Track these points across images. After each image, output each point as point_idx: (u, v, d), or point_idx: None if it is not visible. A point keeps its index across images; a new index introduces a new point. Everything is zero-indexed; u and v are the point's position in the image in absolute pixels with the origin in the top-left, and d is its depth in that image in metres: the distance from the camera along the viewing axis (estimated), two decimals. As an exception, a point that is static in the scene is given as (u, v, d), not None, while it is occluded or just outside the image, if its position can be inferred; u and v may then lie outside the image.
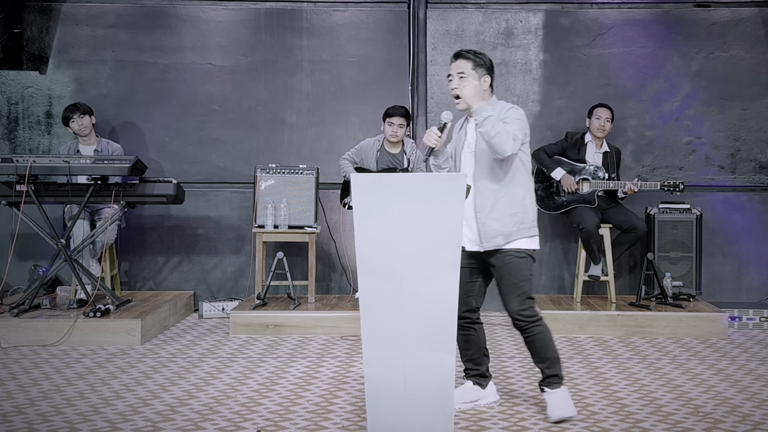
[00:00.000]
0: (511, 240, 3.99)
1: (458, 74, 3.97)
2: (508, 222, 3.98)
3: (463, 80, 3.97)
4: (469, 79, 3.97)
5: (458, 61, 4.00)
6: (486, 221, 3.98)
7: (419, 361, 3.39)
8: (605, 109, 6.44)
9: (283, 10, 7.05)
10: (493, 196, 3.99)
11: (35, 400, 4.32)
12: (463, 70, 3.97)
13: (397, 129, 6.24)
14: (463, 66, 3.98)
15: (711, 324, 5.96)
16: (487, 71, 4.04)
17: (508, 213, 3.99)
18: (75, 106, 6.48)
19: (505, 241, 3.99)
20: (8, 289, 6.80)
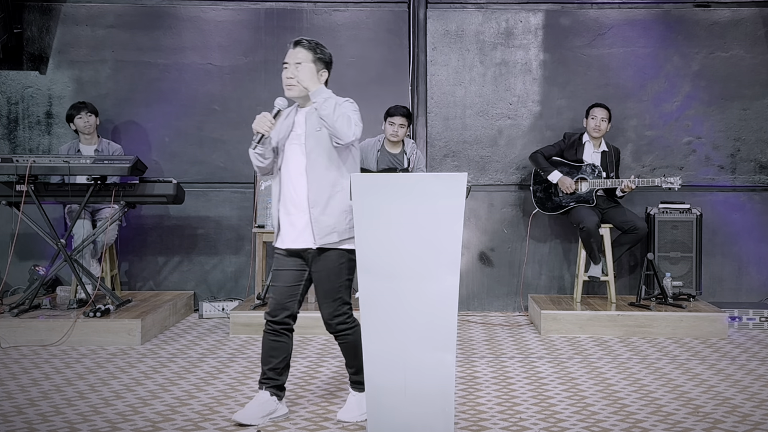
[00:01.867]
0: (343, 239, 3.83)
1: (295, 63, 3.81)
2: (341, 219, 3.82)
3: (300, 69, 3.81)
4: (306, 69, 3.82)
5: (297, 49, 3.82)
6: (320, 217, 3.80)
7: (419, 360, 3.39)
8: (601, 109, 6.44)
9: (283, 10, 7.05)
10: (327, 191, 3.81)
11: (35, 400, 4.32)
12: (301, 61, 3.81)
13: (397, 129, 6.24)
14: (303, 56, 3.81)
15: (711, 324, 5.96)
16: (326, 66, 3.89)
17: (342, 209, 3.82)
18: (83, 104, 6.52)
19: (338, 239, 3.82)
20: (8, 289, 6.80)
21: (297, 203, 3.87)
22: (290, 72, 3.84)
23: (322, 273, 3.87)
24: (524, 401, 4.34)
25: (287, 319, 3.93)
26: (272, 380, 3.99)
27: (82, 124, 6.44)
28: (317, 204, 3.82)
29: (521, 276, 6.97)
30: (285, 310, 3.92)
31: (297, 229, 3.88)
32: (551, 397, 4.41)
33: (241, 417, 3.92)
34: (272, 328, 3.94)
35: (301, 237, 3.88)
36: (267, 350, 3.97)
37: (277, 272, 3.96)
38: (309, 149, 3.84)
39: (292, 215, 3.88)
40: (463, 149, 7.04)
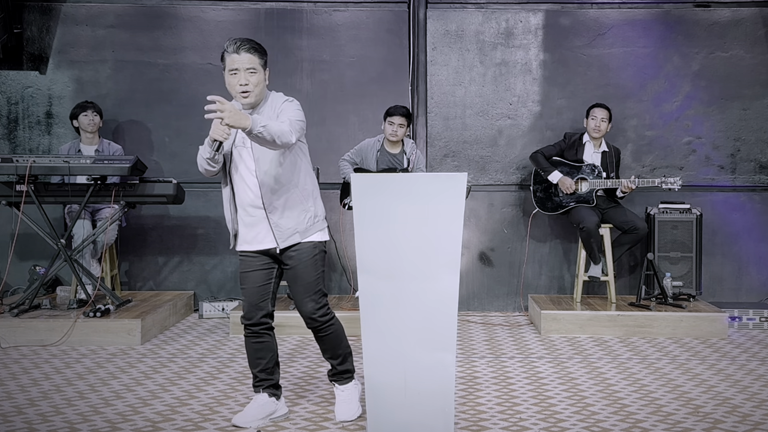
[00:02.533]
0: (307, 235, 3.86)
1: (248, 70, 3.74)
2: (302, 219, 3.84)
3: (254, 75, 3.76)
4: (258, 75, 3.78)
5: (248, 55, 3.74)
6: (279, 221, 3.80)
7: (419, 360, 3.39)
8: (601, 109, 6.43)
9: (283, 10, 7.05)
10: (283, 194, 3.80)
11: (35, 400, 4.32)
12: (254, 66, 3.76)
13: (397, 128, 6.24)
14: (254, 61, 3.76)
15: (711, 324, 5.96)
16: (266, 65, 3.87)
17: (300, 209, 3.84)
18: (90, 103, 6.55)
19: (301, 238, 3.84)
20: (8, 289, 6.80)
21: (256, 205, 3.83)
22: (243, 79, 3.75)
23: (299, 268, 3.86)
24: (524, 401, 4.34)
25: (264, 318, 3.92)
26: (266, 381, 3.99)
27: (87, 121, 6.45)
28: (274, 209, 3.81)
29: (521, 276, 6.97)
30: (260, 310, 3.90)
31: (257, 230, 3.85)
32: (551, 397, 4.41)
33: (241, 420, 3.91)
34: (252, 331, 3.93)
35: (266, 238, 3.85)
36: (253, 353, 3.96)
37: (245, 274, 3.91)
38: (257, 155, 3.80)
39: (253, 217, 3.84)
40: (463, 149, 7.04)
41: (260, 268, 3.90)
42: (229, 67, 3.78)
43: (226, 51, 3.79)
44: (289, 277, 3.92)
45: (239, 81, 3.76)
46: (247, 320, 3.91)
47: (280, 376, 4.08)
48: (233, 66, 3.76)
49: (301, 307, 3.91)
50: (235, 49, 3.75)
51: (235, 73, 3.77)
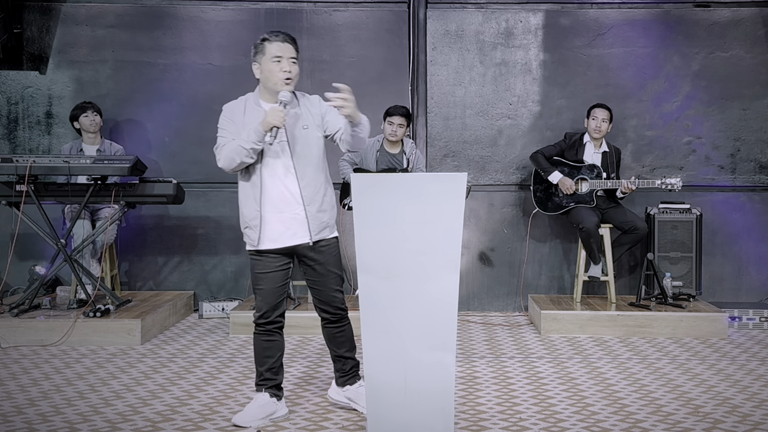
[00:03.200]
0: (334, 230, 4.00)
1: (291, 59, 3.85)
2: (333, 213, 3.99)
3: (294, 66, 3.87)
4: (297, 67, 3.91)
5: (290, 46, 3.87)
6: (317, 214, 3.89)
7: (419, 360, 3.39)
8: (602, 110, 6.43)
9: (283, 10, 7.05)
10: (321, 188, 3.91)
11: (35, 400, 4.32)
12: (295, 57, 3.89)
13: (396, 128, 6.24)
14: (294, 53, 3.88)
15: (711, 324, 5.96)
16: None
17: (332, 204, 3.99)
18: (89, 103, 6.56)
19: (330, 233, 3.97)
20: (8, 289, 6.79)
21: (289, 201, 3.86)
22: (287, 66, 3.84)
23: (330, 262, 3.96)
24: (524, 401, 4.34)
25: (279, 318, 3.97)
26: (270, 380, 4.00)
27: (88, 122, 6.46)
28: (313, 201, 3.88)
29: (521, 276, 6.97)
30: (276, 310, 3.95)
31: (288, 225, 3.88)
32: (551, 397, 4.41)
33: (241, 419, 3.91)
34: (265, 329, 3.96)
35: (298, 233, 3.89)
36: (261, 351, 3.98)
37: (264, 275, 3.94)
38: (295, 150, 3.86)
39: (284, 213, 3.88)
40: (463, 149, 7.04)
41: (279, 268, 3.94)
42: (273, 54, 3.85)
43: (267, 40, 3.87)
44: (316, 273, 3.96)
45: (283, 68, 3.84)
46: (263, 319, 3.94)
47: (283, 377, 4.09)
48: (277, 53, 3.84)
49: (332, 300, 4.00)
50: (281, 38, 3.86)
51: (278, 60, 3.85)
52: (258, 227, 3.91)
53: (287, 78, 3.84)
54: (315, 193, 3.89)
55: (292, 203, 3.87)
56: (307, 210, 3.87)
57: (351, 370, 4.14)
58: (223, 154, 3.88)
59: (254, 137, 3.78)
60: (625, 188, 6.27)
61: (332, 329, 4.08)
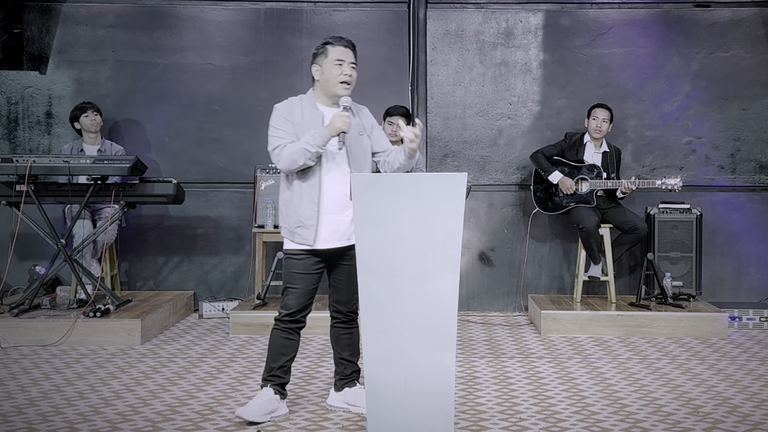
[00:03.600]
0: None
1: (352, 64, 3.94)
2: None
3: (354, 71, 3.96)
4: (356, 72, 3.98)
5: (352, 52, 3.97)
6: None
7: (419, 360, 3.39)
8: (603, 110, 6.43)
9: (283, 10, 7.05)
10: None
11: (35, 400, 4.32)
12: (355, 63, 3.97)
13: (396, 128, 6.24)
14: (355, 59, 3.97)
15: (711, 324, 5.96)
16: None
17: None
18: (89, 103, 6.56)
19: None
20: (8, 289, 6.79)
21: (343, 204, 3.92)
22: (348, 70, 3.92)
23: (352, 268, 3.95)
24: (524, 401, 4.34)
25: (303, 318, 4.05)
26: (278, 378, 4.03)
27: (89, 122, 6.46)
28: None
29: (521, 276, 6.97)
30: (305, 310, 4.03)
31: (338, 227, 3.95)
32: (551, 397, 4.41)
33: (245, 413, 3.92)
34: (288, 327, 4.01)
35: (345, 236, 3.96)
36: (278, 347, 4.02)
37: (303, 275, 3.97)
38: (354, 152, 3.95)
39: (336, 215, 3.93)
40: (463, 149, 7.04)
41: (316, 271, 4.00)
42: (336, 57, 3.93)
43: (330, 44, 3.97)
44: (347, 273, 4.02)
45: (344, 71, 3.92)
46: (289, 317, 3.98)
47: (289, 380, 4.10)
48: (340, 57, 3.93)
49: (350, 302, 4.08)
50: (344, 43, 3.96)
51: (339, 64, 3.93)
52: (314, 227, 3.92)
53: (346, 82, 3.92)
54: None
55: (345, 206, 3.91)
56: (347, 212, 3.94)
57: (351, 375, 4.16)
58: (284, 155, 3.88)
59: (320, 141, 3.84)
60: (626, 188, 6.28)
61: (341, 330, 4.13)
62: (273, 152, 3.93)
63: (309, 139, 3.83)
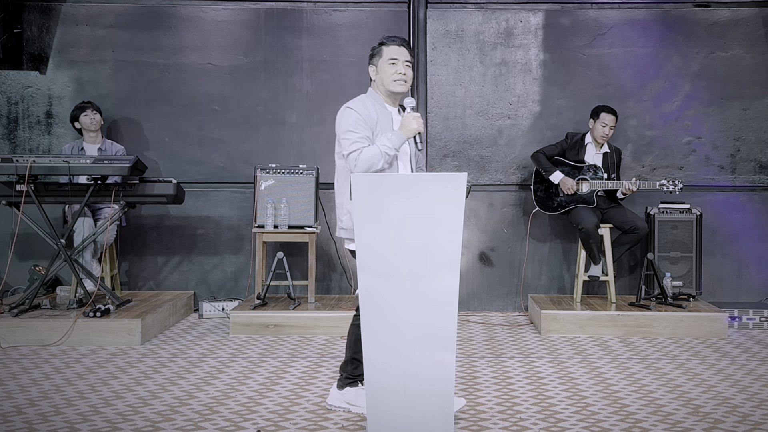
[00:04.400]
0: None
1: (406, 62, 3.98)
2: None
3: (408, 69, 4.00)
4: (411, 71, 4.03)
5: (407, 51, 4.01)
6: None
7: (419, 361, 3.39)
8: (612, 117, 6.38)
9: (283, 10, 7.05)
10: None
11: (35, 400, 4.32)
12: (410, 61, 4.00)
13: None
14: (410, 57, 4.01)
15: (711, 324, 5.96)
16: None
17: None
18: (89, 102, 6.57)
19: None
20: (8, 289, 6.80)
21: None
22: (402, 68, 3.96)
23: None
24: (524, 401, 4.34)
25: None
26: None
27: (89, 121, 6.46)
28: None
29: (521, 276, 6.97)
30: None
31: None
32: (551, 397, 4.41)
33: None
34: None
35: None
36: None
37: None
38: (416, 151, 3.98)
39: None
40: (463, 149, 7.04)
41: None
42: (390, 56, 3.98)
43: (384, 44, 4.01)
44: None
45: (398, 70, 3.96)
46: None
47: None
48: (394, 56, 3.98)
49: None
50: (398, 42, 4.01)
51: (394, 63, 3.97)
52: None
53: (401, 80, 3.95)
54: None
55: None
56: None
57: (359, 376, 4.12)
58: (362, 159, 3.85)
59: (397, 144, 3.88)
60: (626, 189, 6.28)
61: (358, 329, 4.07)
62: (349, 156, 3.89)
63: (387, 142, 3.86)
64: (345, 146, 3.91)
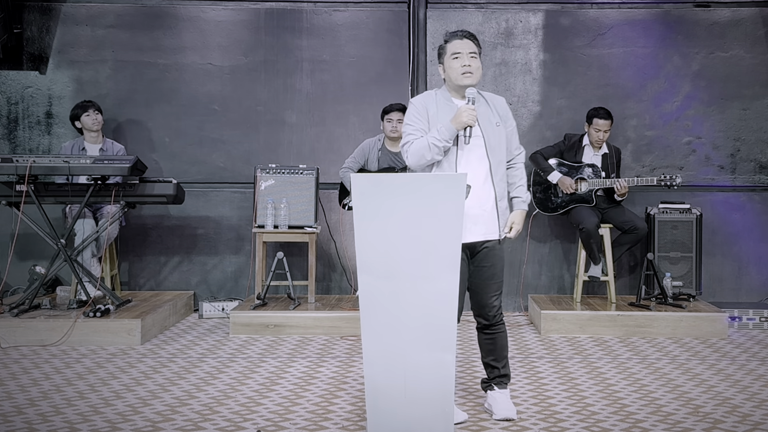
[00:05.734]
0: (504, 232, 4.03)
1: (470, 54, 3.90)
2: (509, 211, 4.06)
3: (474, 60, 3.91)
4: (477, 61, 3.94)
5: (469, 42, 3.93)
6: (505, 211, 3.97)
7: (419, 361, 3.39)
8: (605, 121, 6.36)
9: (283, 10, 7.05)
10: (506, 186, 4.01)
11: (35, 400, 4.32)
12: (474, 51, 3.93)
13: (396, 124, 6.25)
14: (474, 48, 3.94)
15: (711, 324, 5.96)
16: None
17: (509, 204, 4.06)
18: (90, 102, 6.54)
19: (507, 229, 4.00)
20: (8, 289, 6.79)
21: (480, 196, 3.87)
22: (467, 60, 3.89)
23: (498, 266, 3.96)
24: (524, 401, 4.34)
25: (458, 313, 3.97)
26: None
27: (90, 121, 6.45)
28: (504, 198, 3.96)
29: (521, 276, 6.97)
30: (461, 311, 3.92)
31: (476, 222, 3.89)
32: (551, 397, 4.41)
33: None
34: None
35: (491, 229, 3.92)
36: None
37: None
38: (491, 146, 3.91)
39: (473, 208, 3.86)
40: (463, 149, 7.03)
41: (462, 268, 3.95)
42: (452, 52, 3.93)
43: (447, 41, 3.97)
44: (486, 274, 3.95)
45: (462, 63, 3.89)
46: None
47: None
48: (456, 50, 3.92)
49: (485, 307, 3.98)
50: (459, 36, 3.95)
51: (457, 57, 3.91)
52: None
53: (466, 72, 3.89)
54: (504, 190, 3.97)
55: (483, 199, 3.88)
56: (498, 206, 3.92)
57: (493, 378, 4.11)
58: (412, 150, 3.86)
59: (447, 135, 3.81)
60: (621, 186, 6.26)
61: (482, 335, 4.08)
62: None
63: (436, 134, 3.82)
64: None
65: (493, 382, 4.11)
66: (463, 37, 3.94)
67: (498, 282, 3.98)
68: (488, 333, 4.05)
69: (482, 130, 3.90)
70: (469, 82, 3.89)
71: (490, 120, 3.95)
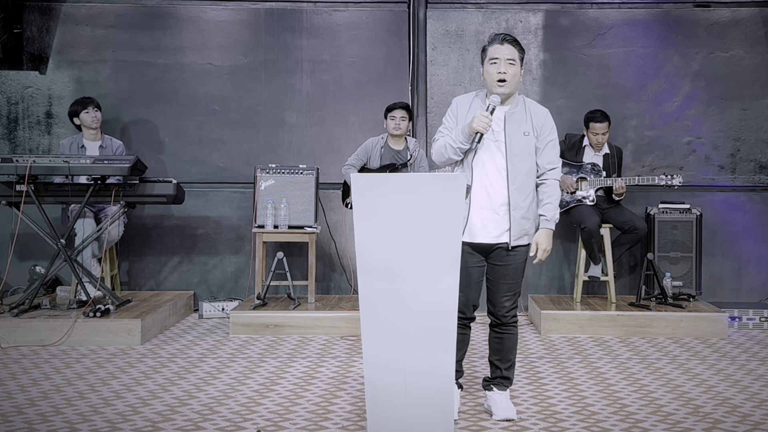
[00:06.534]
0: (530, 240, 4.03)
1: (508, 60, 3.85)
2: (534, 224, 4.03)
3: (512, 67, 3.87)
4: (516, 67, 3.88)
5: (510, 47, 3.88)
6: (521, 220, 3.93)
7: (419, 361, 3.39)
8: (602, 124, 6.36)
9: (283, 10, 7.05)
10: (529, 196, 3.95)
11: (35, 400, 4.32)
12: (513, 58, 3.88)
13: (399, 122, 6.25)
14: (514, 53, 3.88)
15: (711, 324, 5.96)
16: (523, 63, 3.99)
17: (535, 214, 4.03)
18: (89, 99, 6.52)
19: (527, 241, 4.01)
20: (8, 289, 6.79)
21: (494, 200, 3.90)
22: (502, 67, 3.85)
23: (511, 268, 3.99)
24: (524, 401, 4.34)
25: (472, 312, 4.06)
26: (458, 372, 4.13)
27: (90, 118, 6.44)
28: (519, 207, 3.92)
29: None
30: (474, 307, 4.04)
31: (487, 224, 3.91)
32: (551, 397, 4.41)
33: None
34: (462, 323, 4.01)
35: (493, 233, 3.93)
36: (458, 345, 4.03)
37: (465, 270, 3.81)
38: (512, 153, 3.89)
39: (485, 210, 3.90)
40: (463, 149, 7.03)
41: (477, 265, 3.99)
42: (491, 56, 3.90)
43: (489, 44, 3.93)
44: (500, 275, 4.00)
45: (498, 69, 3.86)
46: (462, 314, 3.95)
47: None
48: (494, 55, 3.89)
49: (500, 307, 4.03)
50: (500, 40, 3.90)
51: (494, 62, 3.88)
52: (466, 219, 3.89)
53: (500, 80, 3.86)
54: (523, 200, 3.92)
55: (496, 203, 3.90)
56: (512, 214, 3.91)
57: (495, 379, 4.13)
58: (435, 147, 3.97)
59: (461, 138, 3.86)
60: (619, 186, 6.26)
61: (492, 333, 4.13)
62: (431, 145, 4.02)
63: (453, 135, 3.87)
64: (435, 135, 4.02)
65: (493, 382, 4.12)
66: (503, 41, 3.89)
67: (510, 283, 4.01)
68: (497, 332, 4.09)
69: (506, 136, 3.90)
70: (501, 91, 3.87)
71: (518, 128, 3.92)
